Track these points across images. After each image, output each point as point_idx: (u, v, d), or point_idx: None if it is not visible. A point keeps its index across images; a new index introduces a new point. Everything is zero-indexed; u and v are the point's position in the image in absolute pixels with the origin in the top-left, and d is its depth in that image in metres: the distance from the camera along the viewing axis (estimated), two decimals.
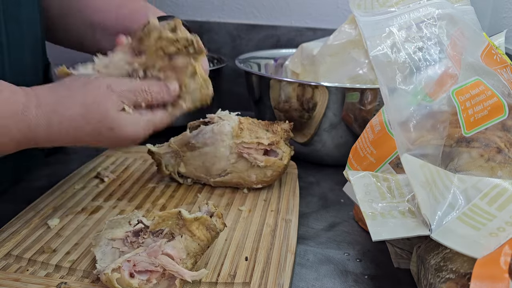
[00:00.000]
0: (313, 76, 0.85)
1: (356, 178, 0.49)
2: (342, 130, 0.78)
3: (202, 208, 0.51)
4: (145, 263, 0.46)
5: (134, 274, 0.46)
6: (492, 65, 0.51)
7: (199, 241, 0.48)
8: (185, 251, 0.47)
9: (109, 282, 0.45)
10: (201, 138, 0.68)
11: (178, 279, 0.46)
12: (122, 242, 0.50)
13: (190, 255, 0.48)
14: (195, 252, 0.48)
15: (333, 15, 1.12)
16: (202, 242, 0.48)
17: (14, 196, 0.70)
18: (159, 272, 0.46)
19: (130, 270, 0.46)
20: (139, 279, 0.46)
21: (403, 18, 0.49)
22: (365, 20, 0.49)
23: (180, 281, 0.46)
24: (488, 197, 0.42)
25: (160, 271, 0.46)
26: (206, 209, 0.51)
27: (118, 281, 0.45)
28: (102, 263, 0.49)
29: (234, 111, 0.72)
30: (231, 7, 1.14)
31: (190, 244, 0.48)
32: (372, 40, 0.48)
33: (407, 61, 0.48)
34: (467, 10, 0.53)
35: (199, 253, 0.49)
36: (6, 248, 0.53)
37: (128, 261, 0.46)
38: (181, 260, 0.47)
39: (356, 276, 0.54)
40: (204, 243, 0.49)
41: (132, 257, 0.47)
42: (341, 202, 0.72)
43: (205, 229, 0.49)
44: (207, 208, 0.51)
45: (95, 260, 0.50)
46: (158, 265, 0.46)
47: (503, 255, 0.36)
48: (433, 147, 0.47)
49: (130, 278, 0.45)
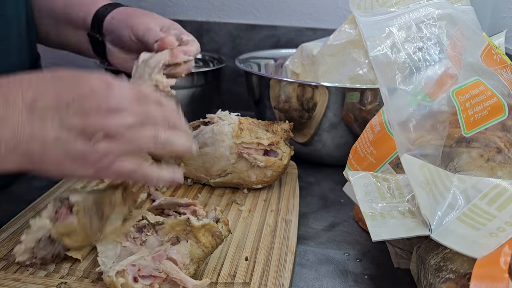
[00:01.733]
0: (313, 76, 0.85)
1: (356, 178, 0.49)
2: (342, 130, 0.78)
3: (209, 214, 0.51)
4: (149, 268, 0.46)
5: (138, 279, 0.46)
6: (492, 65, 0.51)
7: (204, 248, 0.48)
8: (189, 256, 0.47)
9: (113, 286, 0.45)
10: (201, 138, 0.68)
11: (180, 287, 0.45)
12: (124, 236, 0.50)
13: (193, 261, 0.47)
14: (198, 258, 0.48)
15: (333, 15, 1.12)
16: (206, 248, 0.48)
17: (14, 196, 0.70)
18: (162, 278, 0.46)
19: (135, 274, 0.46)
20: (143, 283, 0.45)
21: (403, 18, 0.49)
22: (365, 20, 0.49)
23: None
24: (488, 197, 0.42)
25: (163, 277, 0.46)
26: (213, 215, 0.50)
27: (122, 285, 0.45)
28: (104, 257, 0.49)
29: (234, 111, 0.72)
30: (231, 7, 1.14)
31: (195, 250, 0.47)
32: (372, 40, 0.48)
33: (407, 61, 0.48)
34: (467, 10, 0.53)
35: (202, 259, 0.48)
36: (6, 248, 0.53)
37: (133, 265, 0.46)
38: (184, 266, 0.47)
39: (356, 276, 0.54)
40: (208, 249, 0.48)
41: (138, 261, 0.46)
42: (341, 202, 0.72)
43: (210, 235, 0.48)
44: (214, 214, 0.50)
45: (95, 260, 0.50)
46: (162, 271, 0.46)
47: (503, 255, 0.36)
48: (433, 147, 0.47)
49: (134, 283, 0.45)
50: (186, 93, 0.92)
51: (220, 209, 0.51)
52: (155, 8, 1.13)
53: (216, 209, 0.51)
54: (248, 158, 0.67)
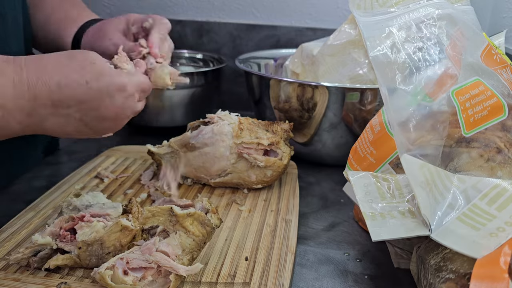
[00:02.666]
0: (313, 76, 0.85)
1: (356, 178, 0.49)
2: (342, 130, 0.78)
3: (196, 205, 0.52)
4: (138, 260, 0.46)
5: (128, 272, 0.46)
6: (492, 65, 0.51)
7: (194, 237, 0.48)
8: (180, 247, 0.47)
9: (103, 280, 0.45)
10: (201, 138, 0.68)
11: (173, 274, 0.46)
12: None
13: (186, 251, 0.48)
14: (191, 248, 0.48)
15: (333, 15, 1.12)
16: (197, 237, 0.48)
17: (14, 196, 0.70)
18: (153, 268, 0.46)
19: (124, 267, 0.46)
20: (133, 276, 0.45)
21: (402, 19, 0.49)
22: (365, 21, 0.49)
23: (175, 276, 0.46)
24: (487, 197, 0.42)
25: (155, 268, 0.46)
26: (200, 205, 0.51)
27: (112, 279, 0.45)
28: None
29: (234, 111, 0.72)
30: (231, 7, 1.14)
31: (185, 240, 0.48)
32: (372, 40, 0.48)
33: (406, 62, 0.48)
34: (467, 10, 0.53)
35: (195, 249, 0.48)
36: (6, 248, 0.53)
37: (121, 259, 0.46)
38: (177, 257, 0.47)
39: (356, 276, 0.54)
40: (199, 238, 0.49)
41: (126, 255, 0.47)
42: (341, 202, 0.72)
43: (199, 224, 0.49)
44: (201, 205, 0.51)
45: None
46: (152, 261, 0.46)
47: (503, 255, 0.36)
48: (433, 147, 0.47)
49: (124, 276, 0.45)
50: (186, 93, 0.92)
51: (207, 200, 0.52)
52: (155, 8, 1.13)
53: (203, 200, 0.51)
54: (248, 158, 0.67)
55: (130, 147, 0.84)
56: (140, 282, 0.45)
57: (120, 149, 0.83)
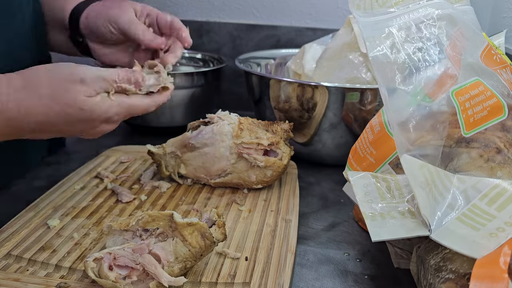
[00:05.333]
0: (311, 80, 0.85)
1: (355, 178, 0.49)
2: (342, 130, 0.78)
3: (203, 215, 0.50)
4: (125, 258, 0.46)
5: (113, 267, 0.45)
6: (492, 66, 0.51)
7: (191, 247, 0.47)
8: (174, 254, 0.46)
9: (86, 269, 0.45)
10: (201, 138, 0.68)
11: (154, 281, 0.45)
12: (132, 234, 0.50)
13: (179, 259, 0.46)
14: (184, 257, 0.47)
15: (333, 15, 1.12)
16: (193, 248, 0.47)
17: (14, 196, 0.70)
18: (139, 270, 0.45)
19: (110, 262, 0.45)
20: (118, 273, 0.45)
21: (402, 19, 0.49)
22: (365, 21, 0.49)
23: (157, 284, 0.45)
24: (487, 197, 0.42)
25: (140, 270, 0.45)
26: (207, 216, 0.50)
27: (100, 273, 0.45)
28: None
29: (234, 111, 0.72)
30: (231, 7, 1.14)
31: (181, 248, 0.47)
32: (371, 40, 0.48)
33: (406, 62, 0.48)
34: (466, 10, 0.53)
35: (190, 259, 0.47)
36: (6, 248, 0.53)
37: (110, 253, 0.46)
38: (168, 263, 0.46)
39: (356, 276, 0.54)
40: (196, 250, 0.47)
41: (114, 250, 0.46)
42: (341, 202, 0.72)
43: (199, 236, 0.47)
44: (208, 216, 0.50)
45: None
46: (138, 263, 0.45)
47: (503, 255, 0.36)
48: (433, 147, 0.47)
49: (109, 271, 0.45)
50: (186, 93, 0.92)
51: (217, 212, 0.50)
52: (154, 7, 1.13)
53: (212, 211, 0.50)
54: (248, 158, 0.67)
55: (130, 147, 0.84)
56: (122, 280, 0.45)
57: (120, 149, 0.83)
